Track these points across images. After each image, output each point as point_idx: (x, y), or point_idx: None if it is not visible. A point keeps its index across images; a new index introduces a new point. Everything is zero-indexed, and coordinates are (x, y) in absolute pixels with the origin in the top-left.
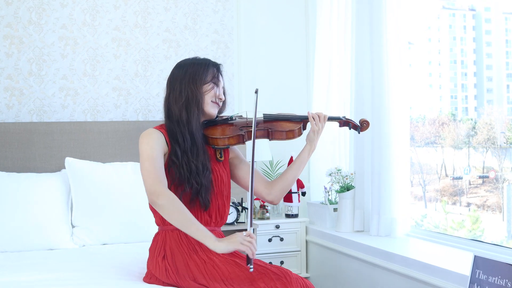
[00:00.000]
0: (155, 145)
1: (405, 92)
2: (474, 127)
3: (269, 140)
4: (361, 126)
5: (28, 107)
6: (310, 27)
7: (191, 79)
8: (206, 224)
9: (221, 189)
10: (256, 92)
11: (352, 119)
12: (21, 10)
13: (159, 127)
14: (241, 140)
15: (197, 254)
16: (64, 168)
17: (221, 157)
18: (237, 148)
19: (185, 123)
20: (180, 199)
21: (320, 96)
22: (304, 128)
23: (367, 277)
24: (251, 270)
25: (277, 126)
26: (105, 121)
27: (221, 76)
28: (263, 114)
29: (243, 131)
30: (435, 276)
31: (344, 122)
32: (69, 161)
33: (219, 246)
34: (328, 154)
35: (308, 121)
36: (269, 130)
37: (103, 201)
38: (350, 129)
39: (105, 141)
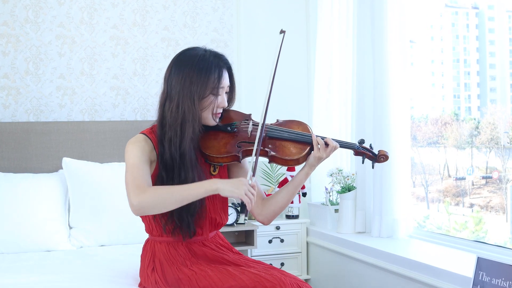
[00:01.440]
0: (139, 154)
1: (407, 91)
2: (477, 127)
3: (268, 163)
4: (378, 159)
5: (25, 107)
6: (310, 25)
7: (188, 93)
8: (197, 235)
9: (214, 202)
10: (283, 32)
11: (369, 148)
12: (18, 8)
13: (150, 131)
14: (236, 159)
15: (187, 268)
16: (62, 168)
17: (214, 171)
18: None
19: (178, 143)
20: (164, 229)
21: (321, 95)
22: (313, 149)
23: (369, 279)
24: (246, 220)
25: (280, 151)
26: (103, 120)
27: (227, 73)
28: (267, 129)
29: (240, 149)
30: (438, 278)
31: (359, 152)
32: (66, 161)
33: (223, 188)
34: None
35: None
36: (269, 153)
37: (101, 202)
38: (363, 162)
39: (103, 141)
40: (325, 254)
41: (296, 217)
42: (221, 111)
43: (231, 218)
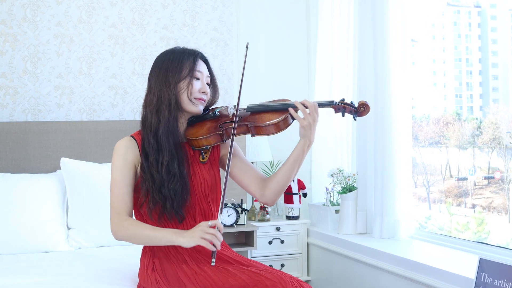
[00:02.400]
0: (120, 164)
1: (408, 91)
2: (479, 127)
3: (252, 137)
4: (358, 111)
5: (23, 106)
6: (311, 24)
7: (164, 78)
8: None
9: (206, 192)
10: (247, 46)
11: (349, 103)
12: (15, 7)
13: (138, 133)
14: (220, 139)
15: (187, 265)
16: (60, 168)
17: (203, 158)
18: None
19: (154, 128)
20: (150, 215)
21: (321, 95)
22: (294, 118)
23: (370, 280)
24: (213, 264)
25: (259, 120)
26: (101, 120)
27: (205, 64)
28: (247, 106)
29: (222, 129)
30: (440, 279)
31: (338, 107)
32: (64, 161)
33: (182, 242)
34: (330, 154)
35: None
36: (249, 125)
37: (100, 203)
38: (343, 115)
39: (102, 141)
40: (326, 255)
41: (297, 217)
42: (203, 96)
43: (231, 219)
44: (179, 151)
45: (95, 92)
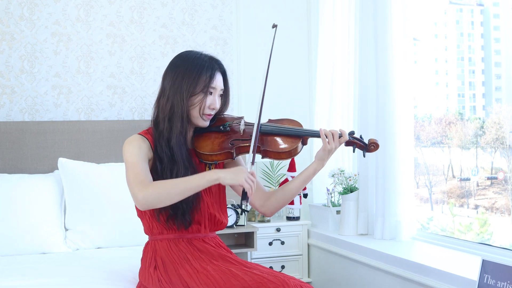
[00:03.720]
0: (136, 151)
1: (410, 90)
2: (482, 127)
3: (261, 158)
4: (368, 148)
5: (20, 106)
6: (312, 24)
7: (179, 88)
8: (197, 232)
9: (211, 200)
10: (275, 26)
11: (359, 138)
12: (13, 5)
13: (145, 132)
14: (230, 156)
15: (189, 263)
16: (57, 169)
17: (209, 168)
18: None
19: (166, 137)
20: (158, 217)
21: (323, 95)
22: (304, 143)
23: (371, 282)
24: (248, 208)
25: (271, 144)
26: (99, 120)
27: (221, 75)
28: (260, 125)
29: (233, 147)
30: (442, 281)
31: (349, 142)
32: (62, 161)
33: (224, 177)
34: None
35: (309, 138)
36: (262, 147)
37: (98, 203)
38: (354, 151)
39: (100, 141)
40: (327, 256)
41: (297, 218)
42: (211, 112)
43: (231, 220)
44: (190, 161)
45: (93, 92)
